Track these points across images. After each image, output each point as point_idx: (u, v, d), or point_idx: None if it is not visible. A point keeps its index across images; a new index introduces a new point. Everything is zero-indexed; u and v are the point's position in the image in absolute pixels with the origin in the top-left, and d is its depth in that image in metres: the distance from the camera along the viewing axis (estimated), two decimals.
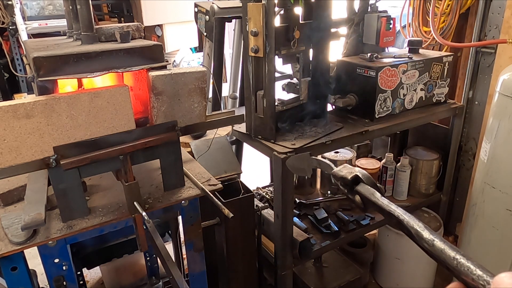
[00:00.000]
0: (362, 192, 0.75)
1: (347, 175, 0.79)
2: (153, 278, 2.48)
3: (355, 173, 0.78)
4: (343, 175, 0.80)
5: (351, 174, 0.78)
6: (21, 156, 1.24)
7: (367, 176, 0.77)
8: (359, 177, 0.77)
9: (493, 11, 2.34)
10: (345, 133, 1.94)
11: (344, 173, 0.80)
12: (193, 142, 2.03)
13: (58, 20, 4.25)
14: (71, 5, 1.62)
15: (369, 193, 0.73)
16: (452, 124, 2.40)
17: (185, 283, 1.29)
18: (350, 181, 0.78)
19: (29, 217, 1.20)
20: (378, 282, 2.68)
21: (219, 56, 2.45)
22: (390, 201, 0.69)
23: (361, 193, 0.75)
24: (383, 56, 2.11)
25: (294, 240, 1.91)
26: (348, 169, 0.81)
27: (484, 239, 2.10)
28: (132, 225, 1.39)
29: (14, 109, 1.19)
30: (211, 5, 2.34)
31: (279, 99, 1.90)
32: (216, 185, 1.55)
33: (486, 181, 2.01)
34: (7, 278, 1.26)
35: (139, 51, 1.44)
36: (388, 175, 2.44)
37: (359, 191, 0.76)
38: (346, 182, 0.79)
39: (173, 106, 1.47)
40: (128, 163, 1.34)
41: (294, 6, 1.80)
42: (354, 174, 0.78)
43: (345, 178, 0.79)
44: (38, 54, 1.28)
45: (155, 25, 4.75)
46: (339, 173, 0.81)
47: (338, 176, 0.81)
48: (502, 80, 1.88)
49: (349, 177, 0.78)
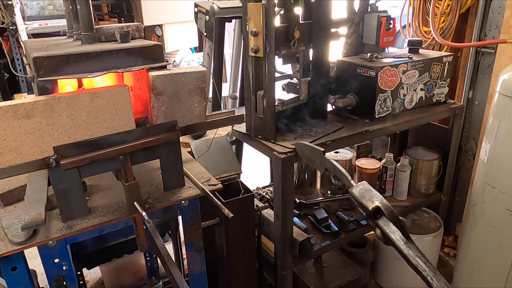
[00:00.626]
0: (384, 231, 0.70)
1: (368, 205, 0.74)
2: (153, 278, 2.47)
3: (377, 204, 0.74)
4: (364, 203, 0.76)
5: (373, 205, 0.74)
6: (21, 156, 1.24)
7: (389, 209, 0.73)
8: (381, 210, 0.73)
9: (493, 11, 2.34)
10: (345, 133, 1.94)
11: (365, 201, 0.76)
12: (193, 142, 2.03)
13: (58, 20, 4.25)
14: (71, 5, 1.62)
15: (392, 233, 0.68)
16: (452, 124, 2.40)
17: (185, 283, 1.29)
18: (371, 212, 0.74)
19: (29, 217, 1.20)
20: (378, 282, 2.68)
21: (219, 56, 2.45)
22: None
23: (383, 231, 0.71)
24: (383, 56, 2.11)
25: (294, 240, 1.91)
26: (369, 195, 0.76)
27: (484, 239, 2.10)
28: (132, 225, 1.39)
29: (14, 109, 1.19)
30: (211, 5, 2.34)
31: (279, 99, 1.90)
32: (216, 185, 1.55)
33: (486, 181, 2.01)
34: (7, 278, 1.26)
35: (139, 51, 1.44)
36: (388, 175, 2.44)
37: (381, 228, 0.72)
38: (367, 212, 0.75)
39: (173, 106, 1.47)
40: (128, 163, 1.34)
41: (294, 6, 1.80)
42: (375, 205, 0.74)
43: (365, 207, 0.75)
44: (38, 54, 1.28)
45: (155, 25, 4.75)
46: (359, 198, 0.77)
47: (357, 201, 0.77)
48: (502, 80, 1.88)
49: (370, 208, 0.74)
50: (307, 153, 1.10)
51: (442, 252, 2.85)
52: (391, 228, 0.70)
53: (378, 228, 0.72)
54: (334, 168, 0.98)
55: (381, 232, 0.71)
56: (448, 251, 2.87)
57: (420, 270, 0.61)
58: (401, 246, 0.65)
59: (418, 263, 0.62)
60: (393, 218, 0.72)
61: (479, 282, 2.17)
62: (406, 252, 0.63)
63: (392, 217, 0.73)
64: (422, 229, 2.47)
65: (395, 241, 0.67)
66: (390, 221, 0.72)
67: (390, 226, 0.70)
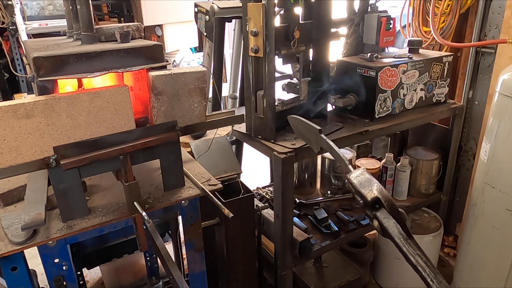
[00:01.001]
0: (383, 225, 0.68)
1: (367, 194, 0.72)
2: (153, 278, 2.47)
3: (376, 194, 0.72)
4: (362, 192, 0.73)
5: (372, 195, 0.72)
6: (21, 156, 1.24)
7: (389, 201, 0.71)
8: (380, 201, 0.71)
9: (493, 11, 2.34)
10: (345, 133, 1.94)
11: (364, 190, 0.73)
12: (193, 142, 2.03)
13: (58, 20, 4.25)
14: (71, 5, 1.62)
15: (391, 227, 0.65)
16: (452, 124, 2.40)
17: (185, 283, 1.29)
18: (371, 202, 0.72)
19: (29, 217, 1.20)
20: (378, 282, 2.68)
21: (219, 56, 2.45)
22: None
23: (382, 225, 0.68)
24: (383, 56, 2.11)
25: (294, 240, 1.91)
26: (368, 184, 0.73)
27: (484, 239, 2.10)
28: (132, 225, 1.39)
29: (14, 109, 1.19)
30: (211, 5, 2.34)
31: (279, 99, 1.90)
32: (216, 185, 1.55)
33: (486, 181, 2.01)
34: (7, 278, 1.26)
35: (139, 51, 1.44)
36: (388, 175, 2.44)
37: (380, 221, 0.69)
38: (365, 202, 0.72)
39: (173, 106, 1.47)
40: (128, 163, 1.34)
41: (294, 6, 1.80)
42: (375, 196, 0.72)
43: (364, 197, 0.72)
44: (38, 54, 1.28)
45: (155, 25, 4.75)
46: (358, 187, 0.74)
47: (355, 189, 0.74)
48: (502, 80, 1.88)
49: (369, 198, 0.71)
50: (301, 129, 1.06)
51: (442, 252, 2.85)
52: (390, 222, 0.68)
53: (376, 220, 0.71)
54: (331, 149, 0.95)
55: (380, 225, 0.70)
56: (448, 251, 2.87)
57: (420, 269, 0.60)
58: (400, 242, 0.64)
59: (418, 261, 0.61)
60: (393, 210, 0.70)
61: (479, 282, 2.17)
62: (405, 250, 0.62)
63: (392, 209, 0.70)
64: (422, 229, 2.47)
65: (394, 237, 0.65)
66: (389, 213, 0.70)
67: (389, 220, 0.68)
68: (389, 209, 0.70)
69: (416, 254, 0.61)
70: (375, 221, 0.72)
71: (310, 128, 1.04)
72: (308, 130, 1.05)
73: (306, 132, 1.05)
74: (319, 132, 0.98)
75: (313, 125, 1.02)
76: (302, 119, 1.23)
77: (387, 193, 0.72)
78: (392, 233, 0.66)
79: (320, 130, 0.98)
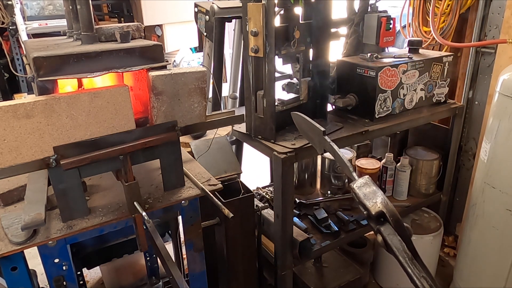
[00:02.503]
0: (387, 242, 0.65)
1: (371, 207, 0.70)
2: (153, 278, 2.47)
3: (381, 208, 0.69)
4: (367, 205, 0.71)
5: (376, 209, 0.69)
6: (21, 156, 1.24)
7: (395, 216, 0.68)
8: (385, 215, 0.68)
9: (493, 11, 2.34)
10: (345, 133, 1.94)
11: (368, 203, 0.71)
12: (193, 142, 2.03)
13: (58, 20, 4.25)
14: (71, 5, 1.62)
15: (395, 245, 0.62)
16: (452, 124, 2.40)
17: (185, 283, 1.29)
18: (375, 216, 0.70)
19: (29, 217, 1.20)
20: (378, 282, 2.68)
21: (219, 56, 2.45)
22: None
23: (386, 242, 0.65)
24: (383, 56, 2.11)
25: (294, 240, 1.91)
26: (373, 196, 0.71)
27: (484, 239, 2.10)
28: (132, 225, 1.39)
29: (14, 109, 1.19)
30: (211, 5, 2.34)
31: (279, 99, 1.90)
32: (216, 185, 1.55)
33: (486, 181, 2.01)
34: (7, 278, 1.26)
35: (139, 51, 1.44)
36: (388, 175, 2.44)
37: (384, 237, 0.66)
38: (370, 215, 0.69)
39: (173, 106, 1.47)
40: (128, 163, 1.34)
41: (294, 6, 1.80)
42: (379, 210, 0.69)
43: (368, 209, 0.70)
44: (38, 54, 1.28)
45: (155, 25, 4.75)
46: (362, 198, 0.71)
47: (359, 200, 0.72)
48: (502, 80, 1.88)
49: (374, 212, 0.69)
50: (304, 127, 1.04)
51: (442, 252, 2.85)
52: (395, 239, 0.65)
53: (380, 235, 0.69)
54: (334, 153, 0.93)
55: (384, 241, 0.68)
56: (448, 251, 2.87)
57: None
58: (405, 263, 0.61)
59: (423, 285, 0.58)
60: (398, 226, 0.67)
61: (479, 282, 2.17)
62: (410, 271, 0.60)
63: (397, 225, 0.67)
64: (422, 229, 2.47)
65: (399, 256, 0.62)
66: (394, 229, 0.68)
67: (394, 237, 0.66)
68: (394, 224, 0.67)
69: (422, 277, 0.60)
70: (378, 235, 0.70)
71: (314, 128, 1.02)
72: (312, 129, 1.04)
73: (310, 131, 1.04)
74: (323, 134, 0.97)
75: (317, 125, 1.01)
76: (306, 117, 1.22)
77: (392, 207, 0.69)
78: (397, 251, 0.64)
79: (324, 131, 0.96)
